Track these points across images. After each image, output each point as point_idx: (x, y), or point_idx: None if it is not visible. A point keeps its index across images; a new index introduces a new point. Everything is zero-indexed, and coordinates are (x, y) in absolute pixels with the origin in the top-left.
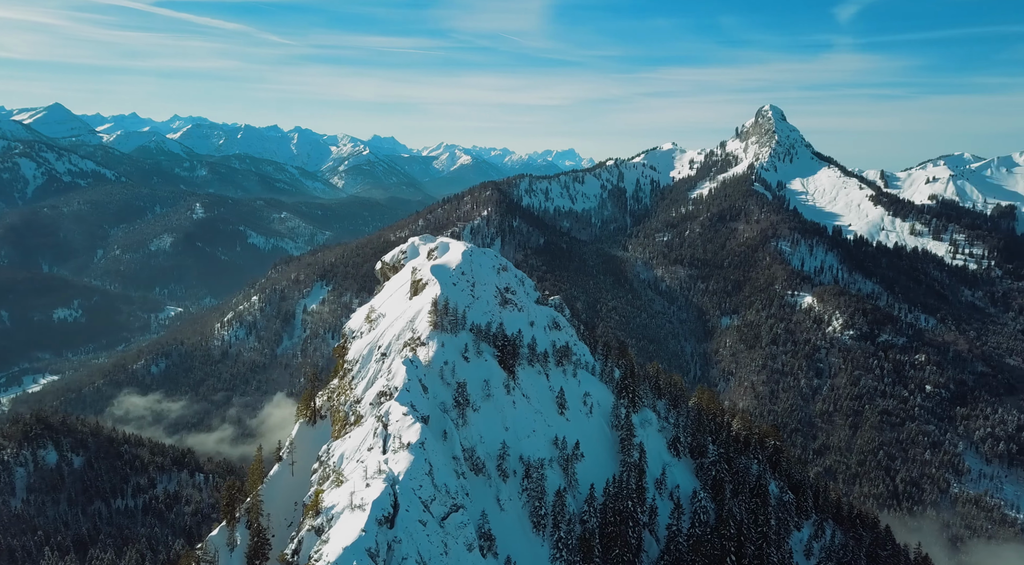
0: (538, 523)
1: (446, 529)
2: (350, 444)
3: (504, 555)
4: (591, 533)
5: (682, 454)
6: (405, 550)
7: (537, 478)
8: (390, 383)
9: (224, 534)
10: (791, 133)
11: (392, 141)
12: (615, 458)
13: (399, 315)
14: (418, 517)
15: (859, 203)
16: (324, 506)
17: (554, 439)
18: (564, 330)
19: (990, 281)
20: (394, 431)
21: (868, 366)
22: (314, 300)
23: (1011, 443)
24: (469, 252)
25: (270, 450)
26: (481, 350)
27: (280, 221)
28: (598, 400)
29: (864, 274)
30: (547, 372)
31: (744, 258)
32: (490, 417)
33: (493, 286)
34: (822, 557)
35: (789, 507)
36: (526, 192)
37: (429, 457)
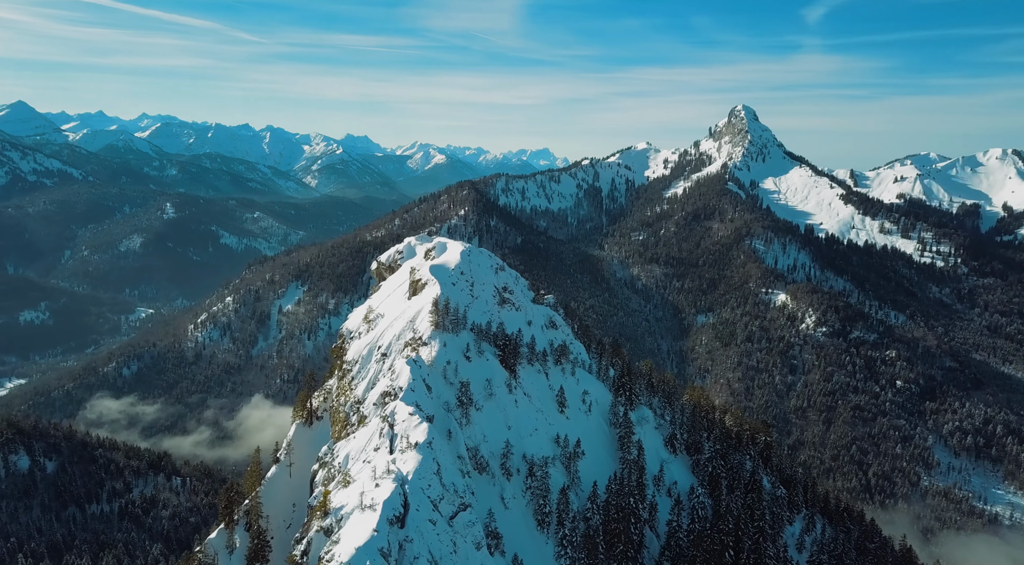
0: (542, 521)
1: (455, 528)
2: (355, 444)
3: (511, 553)
4: (595, 530)
5: (679, 451)
6: (417, 549)
7: (541, 476)
8: (394, 383)
9: (223, 537)
10: (763, 133)
11: (366, 140)
12: (614, 455)
13: (398, 315)
14: (428, 516)
15: (830, 202)
16: (333, 507)
17: (555, 437)
18: (560, 329)
19: (956, 278)
20: (401, 431)
21: (840, 362)
22: (289, 301)
23: (978, 436)
24: (467, 252)
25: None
26: (482, 349)
27: (253, 221)
28: (596, 398)
29: (836, 272)
30: (546, 371)
31: (719, 257)
32: (493, 416)
33: (491, 286)
34: (814, 550)
35: (781, 502)
36: (503, 191)
37: (437, 456)
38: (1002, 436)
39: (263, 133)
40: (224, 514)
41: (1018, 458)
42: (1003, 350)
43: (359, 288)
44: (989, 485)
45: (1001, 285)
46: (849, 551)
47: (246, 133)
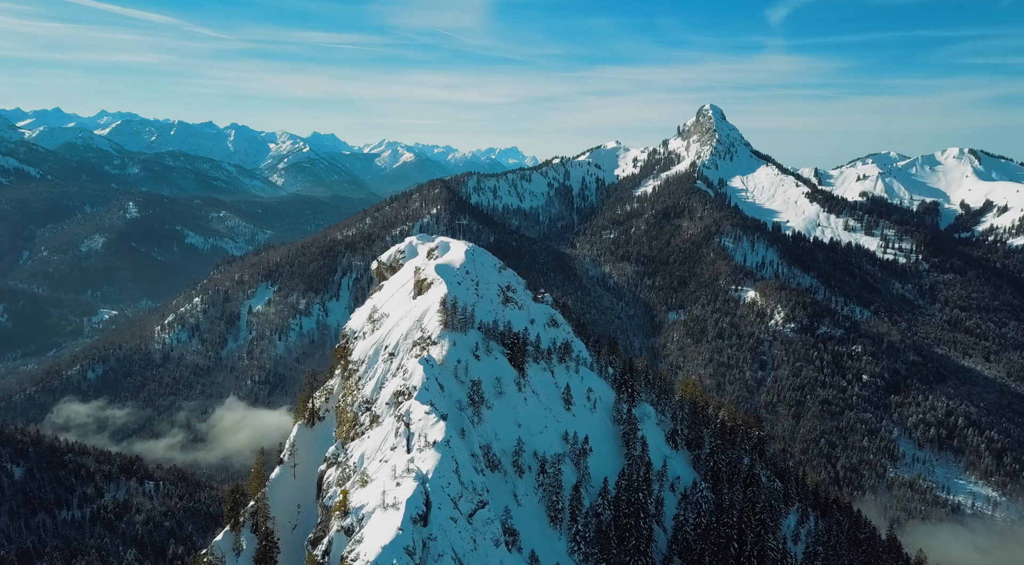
0: (555, 517)
1: (474, 525)
2: (370, 444)
3: (528, 549)
4: (607, 525)
5: (680, 446)
6: (440, 547)
7: (553, 473)
8: (407, 382)
9: (229, 539)
10: (731, 132)
11: (333, 138)
12: (619, 452)
13: (404, 315)
14: (449, 514)
15: (796, 200)
16: (352, 506)
17: (564, 434)
18: (562, 327)
19: (918, 274)
20: (417, 430)
21: (809, 357)
22: (260, 301)
23: (941, 428)
24: (471, 251)
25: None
26: (491, 348)
27: (219, 220)
28: (600, 395)
29: (803, 268)
30: (552, 369)
31: (689, 254)
32: (503, 414)
33: (495, 285)
34: (810, 542)
35: (777, 495)
36: (474, 190)
37: (455, 455)
38: (963, 428)
39: (228, 131)
40: (230, 516)
41: (978, 449)
42: (963, 344)
43: (330, 288)
44: (951, 475)
45: (960, 281)
46: (842, 542)
47: (210, 131)
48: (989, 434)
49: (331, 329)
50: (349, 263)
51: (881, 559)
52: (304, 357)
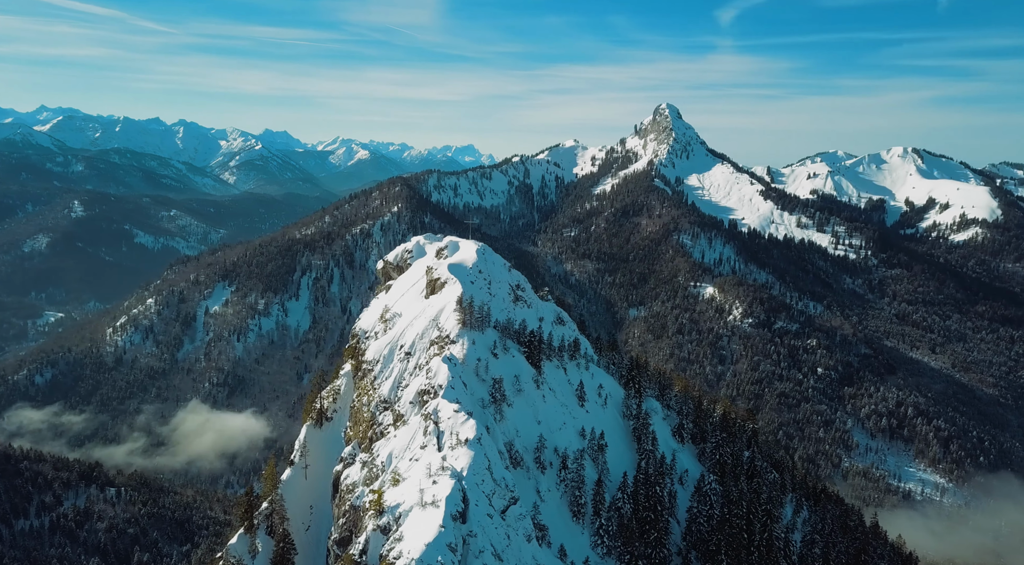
0: (577, 512)
1: (507, 521)
2: (397, 443)
3: (557, 544)
4: (628, 519)
5: (686, 440)
6: (481, 544)
7: (575, 469)
8: (432, 381)
9: (245, 542)
10: (687, 131)
11: (285, 135)
12: (630, 446)
13: (418, 314)
14: (486, 511)
15: (751, 198)
16: (388, 505)
17: (580, 430)
18: (568, 325)
19: (867, 270)
20: (447, 428)
21: (766, 352)
22: (216, 301)
23: (892, 418)
24: (482, 250)
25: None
26: (507, 346)
27: (169, 219)
28: (610, 392)
29: (758, 265)
30: (564, 366)
31: (648, 251)
32: (523, 412)
33: (506, 283)
34: (807, 531)
35: (775, 485)
36: (435, 188)
37: (486, 452)
38: (913, 417)
39: (176, 127)
40: (244, 519)
41: (927, 438)
42: (911, 337)
43: (290, 288)
44: (902, 464)
45: (907, 276)
46: (836, 529)
47: (157, 127)
48: (936, 423)
49: (291, 329)
50: (309, 262)
51: (871, 544)
52: (264, 358)
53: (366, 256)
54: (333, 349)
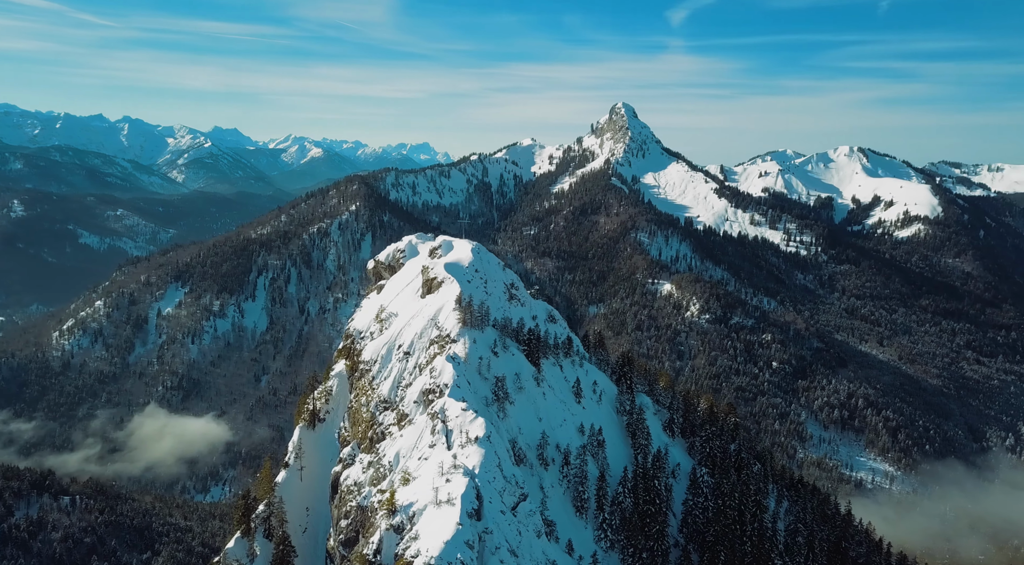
0: (580, 507)
1: (518, 517)
2: (404, 443)
3: (565, 539)
4: (629, 513)
5: (676, 435)
6: (497, 540)
7: (578, 464)
8: (437, 380)
9: (242, 546)
10: (643, 130)
11: (236, 133)
12: (625, 441)
13: (415, 313)
14: (499, 508)
15: (705, 196)
16: (401, 505)
17: (579, 427)
18: (559, 323)
19: (818, 266)
20: (456, 426)
21: (723, 347)
22: (169, 303)
23: (843, 410)
24: (477, 249)
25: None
26: (507, 345)
27: (116, 219)
28: (604, 388)
29: (714, 262)
30: (560, 364)
31: (607, 249)
32: (524, 409)
33: (501, 282)
34: (790, 520)
35: (759, 477)
36: (393, 186)
37: (496, 449)
38: (863, 408)
39: (120, 124)
40: (241, 522)
41: (877, 428)
42: (859, 330)
43: (246, 288)
44: (854, 453)
45: (855, 271)
46: (816, 519)
47: (101, 124)
48: (885, 414)
49: (248, 331)
50: (265, 262)
51: (848, 532)
52: (220, 360)
53: (324, 255)
54: (291, 350)
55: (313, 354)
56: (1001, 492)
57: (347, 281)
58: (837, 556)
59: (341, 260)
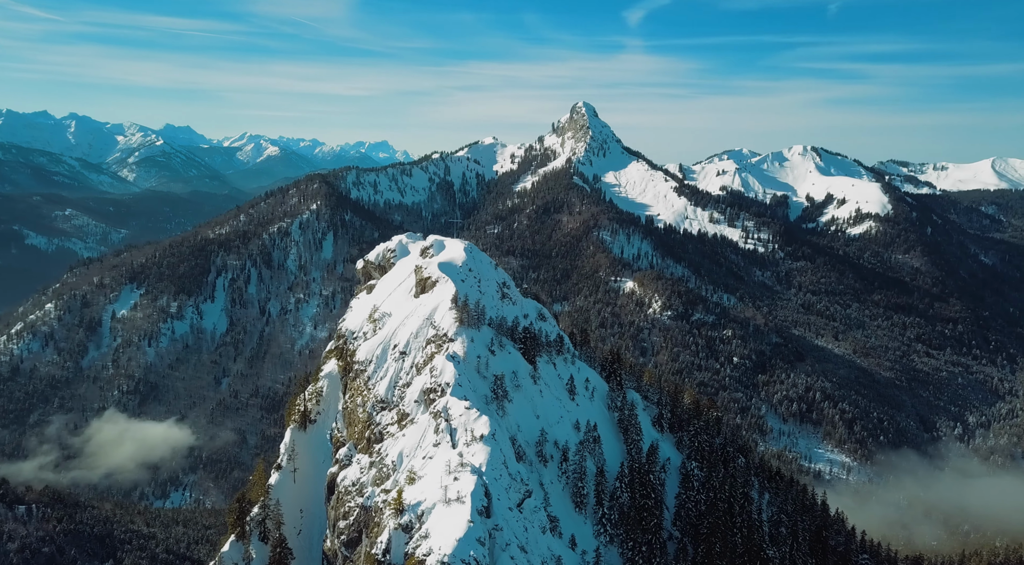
0: (579, 503)
1: (524, 514)
2: (407, 442)
3: (568, 534)
4: (627, 507)
5: (665, 430)
6: (507, 537)
7: (577, 461)
8: (437, 380)
9: (237, 549)
10: (603, 129)
11: (188, 130)
12: (617, 437)
13: (410, 313)
14: (507, 505)
15: (665, 194)
16: (408, 504)
17: (575, 423)
18: (549, 321)
19: (775, 262)
20: (460, 425)
21: (685, 343)
22: (124, 305)
23: (801, 403)
24: (470, 248)
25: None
26: (503, 343)
27: (64, 219)
28: (595, 385)
29: (675, 259)
30: (553, 361)
31: (570, 248)
32: (522, 407)
33: (493, 281)
34: (774, 510)
35: (744, 470)
36: (354, 185)
37: (501, 447)
38: (820, 401)
39: (67, 121)
40: (236, 526)
41: (833, 420)
42: (815, 325)
43: (204, 289)
44: (812, 445)
45: (810, 267)
46: (798, 510)
47: (46, 121)
48: (841, 406)
49: (207, 332)
50: (224, 263)
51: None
52: (178, 363)
53: (285, 255)
54: (253, 352)
55: (275, 356)
56: (952, 480)
57: (309, 281)
58: (818, 545)
59: (302, 260)
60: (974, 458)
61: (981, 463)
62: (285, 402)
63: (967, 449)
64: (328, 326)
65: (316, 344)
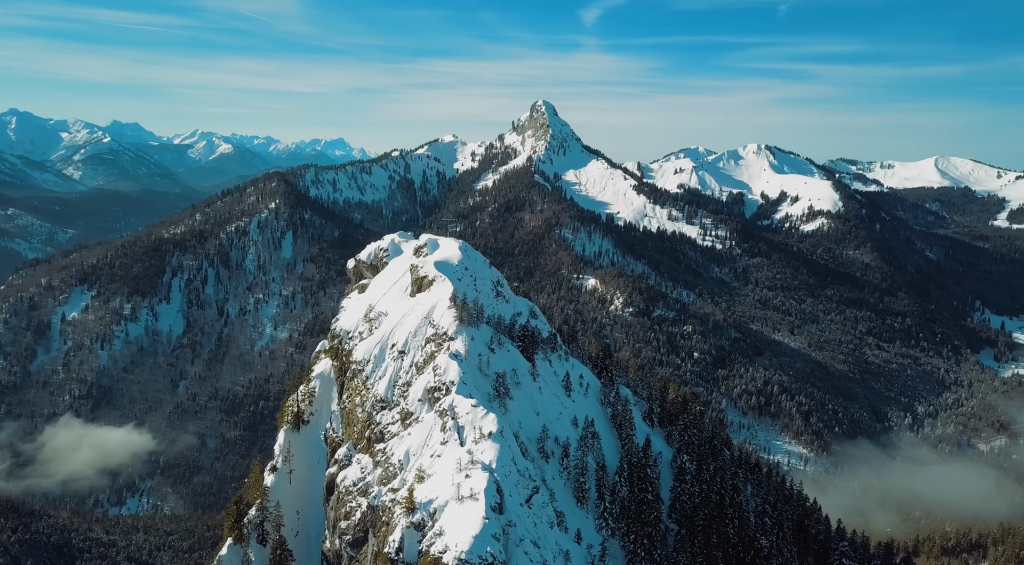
0: (581, 498)
1: (533, 509)
2: (413, 441)
3: (573, 529)
4: (627, 501)
5: (655, 424)
6: (520, 532)
7: (579, 456)
8: (442, 378)
9: (236, 553)
10: (563, 127)
11: (137, 127)
12: (612, 432)
13: (407, 312)
14: (518, 501)
15: (625, 192)
16: (420, 502)
17: (573, 420)
18: (540, 318)
19: (732, 259)
20: (467, 422)
21: (647, 339)
22: (75, 307)
23: (760, 396)
24: (465, 247)
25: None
26: (502, 341)
27: (7, 218)
28: (589, 381)
29: (635, 256)
30: (549, 358)
31: (532, 246)
32: (523, 404)
33: (488, 280)
34: (758, 501)
35: (730, 462)
36: (313, 183)
37: (509, 444)
38: (778, 394)
39: (7, 117)
40: (233, 528)
41: (791, 412)
42: (772, 320)
43: (159, 290)
44: (771, 438)
45: (766, 264)
46: (780, 500)
47: None
48: (798, 399)
49: (163, 335)
50: (180, 263)
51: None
52: (133, 366)
53: (243, 255)
54: (211, 354)
55: (234, 357)
56: (904, 468)
57: (268, 281)
58: (801, 534)
59: (261, 259)
60: (924, 446)
61: (931, 451)
62: (245, 404)
63: (917, 438)
64: (288, 326)
65: (276, 345)
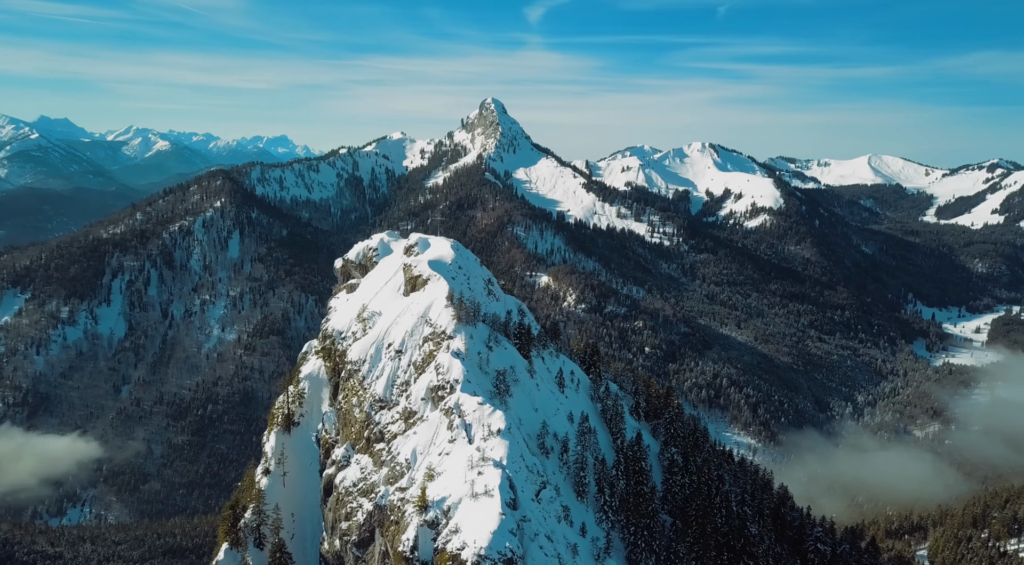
0: (581, 492)
1: (542, 504)
2: (420, 439)
3: (578, 523)
4: (625, 495)
5: (641, 418)
6: (534, 527)
7: (579, 451)
8: (445, 377)
9: (233, 557)
10: (512, 125)
11: (67, 123)
12: (603, 427)
13: (401, 312)
14: (530, 496)
15: (574, 190)
16: (433, 500)
17: (569, 415)
18: (528, 316)
19: (680, 255)
20: (475, 420)
21: (600, 334)
22: (7, 311)
23: (709, 389)
24: (456, 246)
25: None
26: (499, 339)
27: None
28: (579, 377)
29: (586, 253)
30: (542, 355)
31: (486, 243)
32: (522, 401)
33: (480, 278)
34: (737, 491)
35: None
36: (259, 181)
37: (517, 440)
38: (727, 387)
39: None
40: (229, 533)
41: (739, 404)
42: (720, 315)
43: (99, 292)
44: (721, 429)
45: (713, 259)
46: (757, 489)
47: None
48: (746, 391)
49: (103, 338)
50: (120, 264)
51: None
52: (72, 372)
53: (188, 255)
54: (155, 357)
55: (180, 360)
56: (847, 455)
57: (215, 282)
58: (778, 521)
59: (207, 260)
60: (865, 434)
61: (871, 438)
62: (193, 408)
63: (858, 426)
64: (237, 328)
65: (224, 347)
